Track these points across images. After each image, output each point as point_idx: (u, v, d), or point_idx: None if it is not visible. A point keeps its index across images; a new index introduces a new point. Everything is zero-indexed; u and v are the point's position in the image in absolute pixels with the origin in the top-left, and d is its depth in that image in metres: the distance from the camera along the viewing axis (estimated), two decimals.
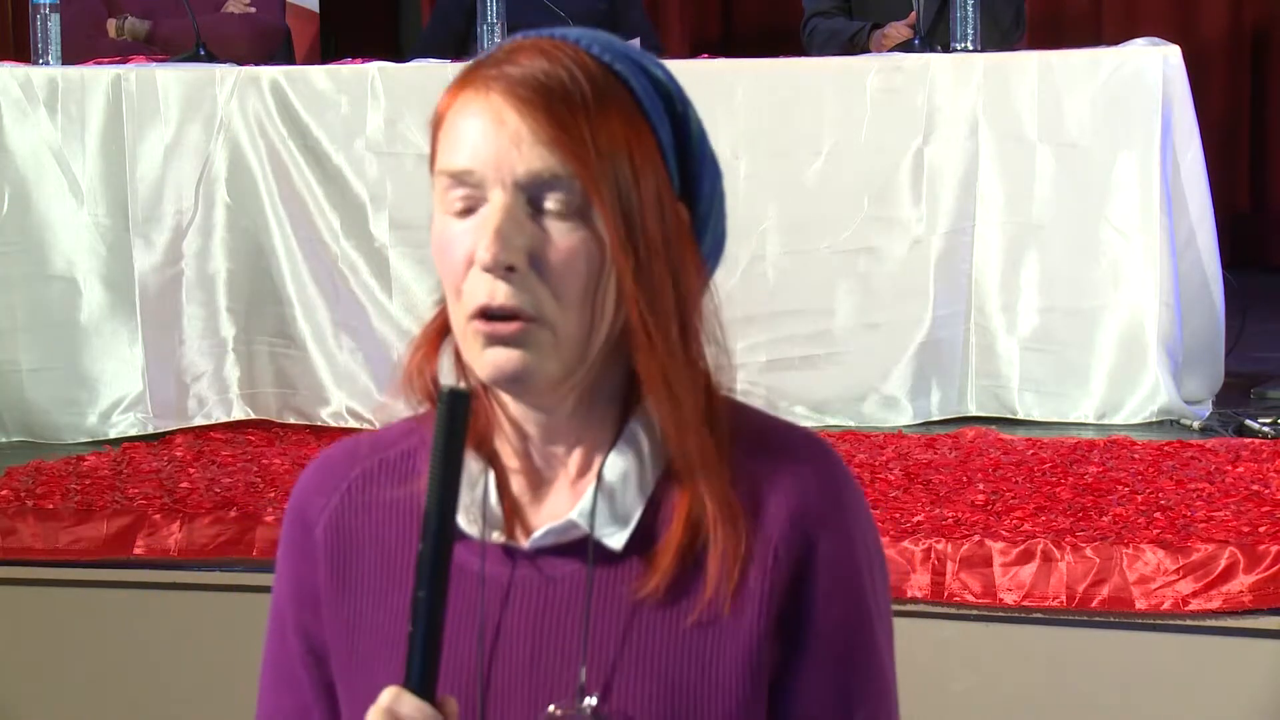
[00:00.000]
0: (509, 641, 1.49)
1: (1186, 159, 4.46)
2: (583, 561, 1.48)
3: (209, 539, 3.55)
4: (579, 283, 1.41)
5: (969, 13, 4.61)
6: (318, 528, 1.57)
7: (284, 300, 4.60)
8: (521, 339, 1.41)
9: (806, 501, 1.47)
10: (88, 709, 3.57)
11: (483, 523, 1.49)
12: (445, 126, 1.45)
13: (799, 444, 1.51)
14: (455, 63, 4.76)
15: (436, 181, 1.45)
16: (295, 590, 1.58)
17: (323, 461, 1.60)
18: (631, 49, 1.47)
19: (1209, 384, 4.55)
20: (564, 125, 1.40)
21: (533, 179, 1.41)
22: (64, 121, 4.57)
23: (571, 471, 1.50)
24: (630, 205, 1.42)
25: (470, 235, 1.42)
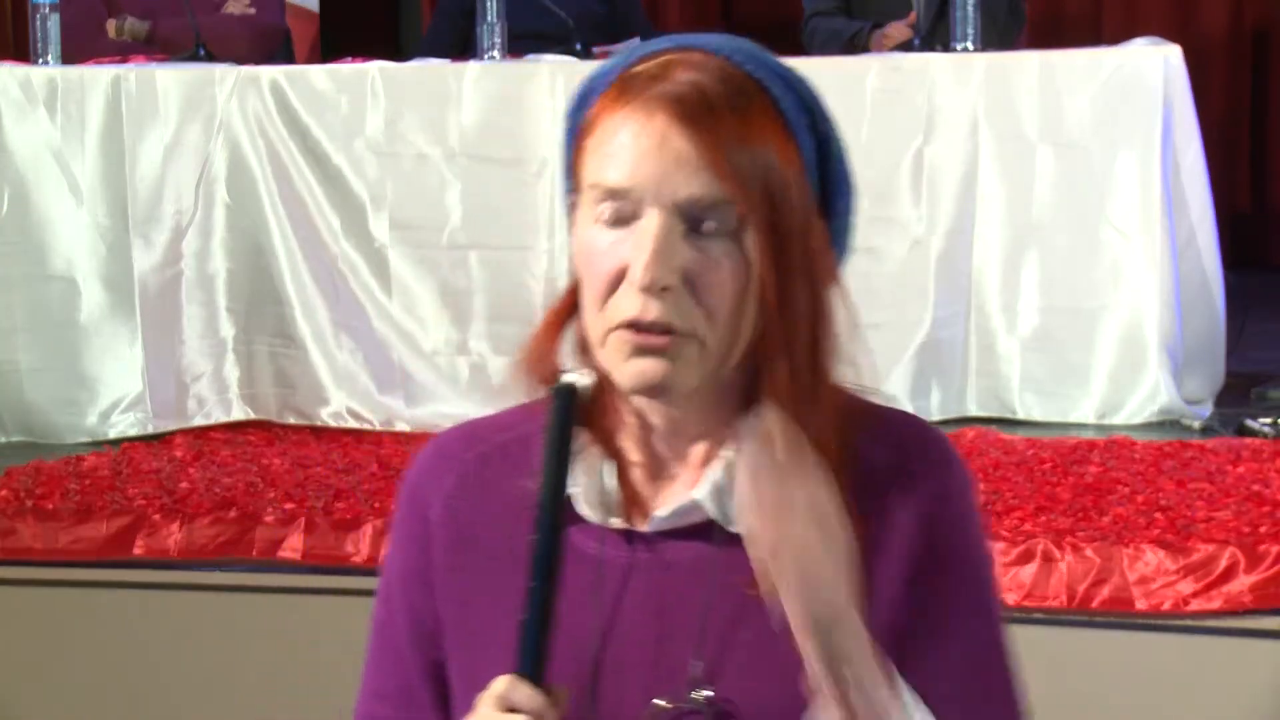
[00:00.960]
0: (626, 626, 1.50)
1: (1186, 159, 4.46)
2: (703, 546, 1.49)
3: (209, 539, 3.55)
4: (729, 301, 1.44)
5: (969, 13, 4.61)
6: (432, 509, 1.57)
7: (284, 300, 4.60)
8: (669, 352, 1.43)
9: (932, 497, 1.49)
10: (88, 709, 3.57)
11: (603, 508, 1.51)
12: (598, 137, 1.46)
13: (921, 439, 1.53)
14: (456, 63, 4.76)
15: (588, 192, 1.46)
16: (406, 571, 1.59)
17: (438, 444, 1.62)
18: (776, 62, 1.49)
19: (1209, 384, 4.54)
20: (725, 150, 1.42)
21: (693, 203, 1.43)
22: (64, 121, 4.57)
23: (692, 463, 1.51)
24: (779, 222, 1.44)
25: (622, 249, 1.44)
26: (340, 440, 4.41)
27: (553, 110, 4.55)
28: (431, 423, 4.53)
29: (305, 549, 3.51)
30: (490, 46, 4.79)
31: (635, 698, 1.48)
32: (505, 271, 4.58)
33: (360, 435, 4.48)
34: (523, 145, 4.58)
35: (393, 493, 3.68)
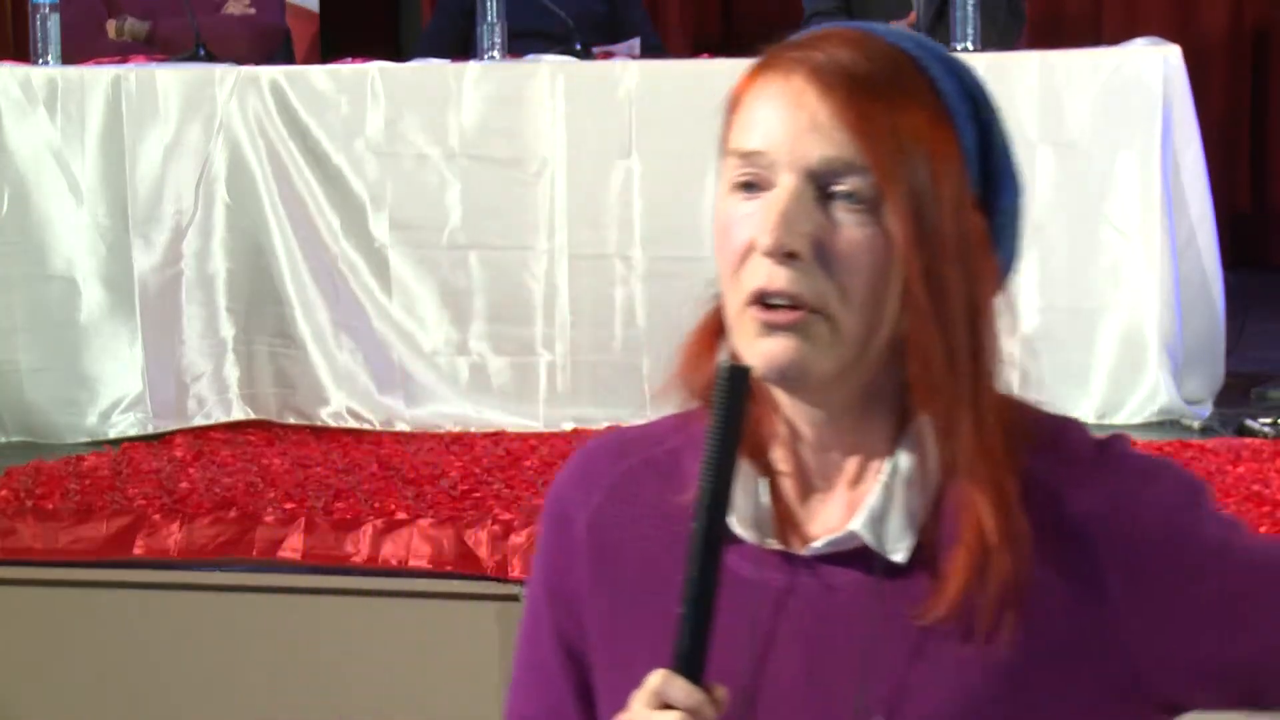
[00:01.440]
0: (782, 651, 1.42)
1: (1186, 159, 4.46)
2: (863, 571, 1.40)
3: (209, 539, 3.55)
4: (864, 278, 1.35)
5: (969, 13, 4.61)
6: (579, 524, 1.50)
7: (284, 300, 4.60)
8: (798, 328, 1.35)
9: (1125, 517, 1.38)
10: (88, 709, 3.57)
11: (757, 527, 1.42)
12: (742, 108, 1.39)
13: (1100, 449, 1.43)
14: (456, 63, 4.77)
15: (725, 163, 1.40)
16: (553, 588, 1.52)
17: (585, 456, 1.54)
18: (941, 49, 1.42)
19: (1209, 384, 4.54)
20: (864, 113, 1.35)
21: (825, 165, 1.35)
22: (64, 121, 4.57)
23: (847, 478, 1.42)
24: (925, 204, 1.35)
25: (754, 220, 1.36)
26: (340, 440, 4.41)
27: (552, 110, 4.55)
28: (431, 423, 4.53)
29: (305, 549, 3.51)
30: (490, 46, 4.79)
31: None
32: (505, 271, 4.58)
33: (360, 435, 4.48)
34: (523, 145, 4.58)
35: (393, 493, 3.69)
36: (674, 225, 4.50)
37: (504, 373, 4.60)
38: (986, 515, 1.36)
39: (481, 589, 3.40)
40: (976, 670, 1.37)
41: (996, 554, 1.36)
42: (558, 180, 4.56)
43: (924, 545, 1.39)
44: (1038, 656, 1.37)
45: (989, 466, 1.37)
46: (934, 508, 1.39)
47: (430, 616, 3.46)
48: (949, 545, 1.37)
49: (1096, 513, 1.38)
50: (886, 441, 1.41)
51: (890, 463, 1.40)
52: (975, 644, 1.37)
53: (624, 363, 4.53)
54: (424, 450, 4.24)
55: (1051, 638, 1.37)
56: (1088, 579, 1.38)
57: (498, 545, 3.38)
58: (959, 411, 1.37)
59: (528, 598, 1.56)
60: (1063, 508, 1.38)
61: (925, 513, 1.39)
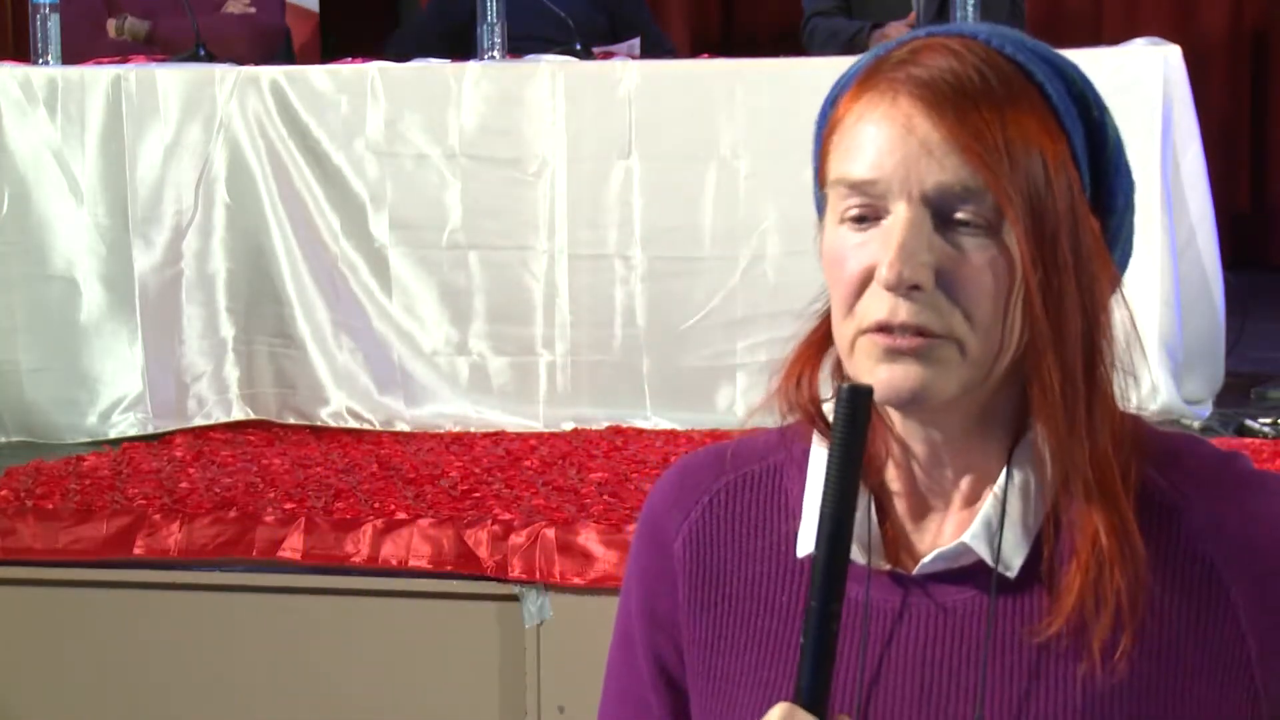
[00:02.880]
0: (895, 672, 1.39)
1: (1186, 159, 4.46)
2: (976, 590, 1.37)
3: (209, 539, 3.55)
4: (989, 301, 1.31)
5: (969, 13, 4.61)
6: (676, 542, 1.47)
7: (284, 300, 4.60)
8: (924, 354, 1.31)
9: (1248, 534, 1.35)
10: (88, 709, 3.57)
11: (866, 548, 1.39)
12: (842, 131, 1.35)
13: (1220, 466, 1.40)
14: (456, 62, 4.77)
15: (832, 190, 1.35)
16: (648, 608, 1.48)
17: (682, 472, 1.50)
18: (1047, 50, 1.37)
19: (1209, 384, 4.54)
20: (976, 132, 1.30)
21: (942, 191, 1.30)
22: (64, 121, 4.57)
23: (959, 497, 1.39)
24: (1043, 217, 1.31)
25: (869, 249, 1.32)
26: (340, 440, 4.41)
27: (552, 110, 4.55)
28: (432, 423, 4.54)
29: (305, 549, 3.51)
30: (490, 46, 4.79)
31: None
32: (505, 271, 4.58)
33: (360, 435, 4.48)
34: (523, 145, 4.58)
35: (393, 493, 3.69)
36: (674, 225, 4.50)
37: (504, 373, 4.60)
38: (1101, 531, 1.33)
39: (481, 589, 3.40)
40: (1093, 689, 1.34)
41: (1111, 570, 1.33)
42: (558, 180, 4.56)
43: (1038, 561, 1.36)
44: (1157, 676, 1.35)
45: (1104, 482, 1.34)
46: (1048, 523, 1.36)
47: (430, 616, 3.45)
48: (1064, 561, 1.34)
49: (1219, 532, 1.35)
50: (1000, 458, 1.38)
51: (1004, 477, 1.37)
52: (1091, 663, 1.34)
53: (624, 363, 4.53)
54: (424, 450, 4.24)
55: (1171, 657, 1.35)
56: (1209, 598, 1.35)
57: (498, 545, 3.38)
58: (1075, 426, 1.34)
59: (620, 621, 1.52)
60: (1184, 526, 1.36)
61: (1039, 528, 1.36)
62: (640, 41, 5.21)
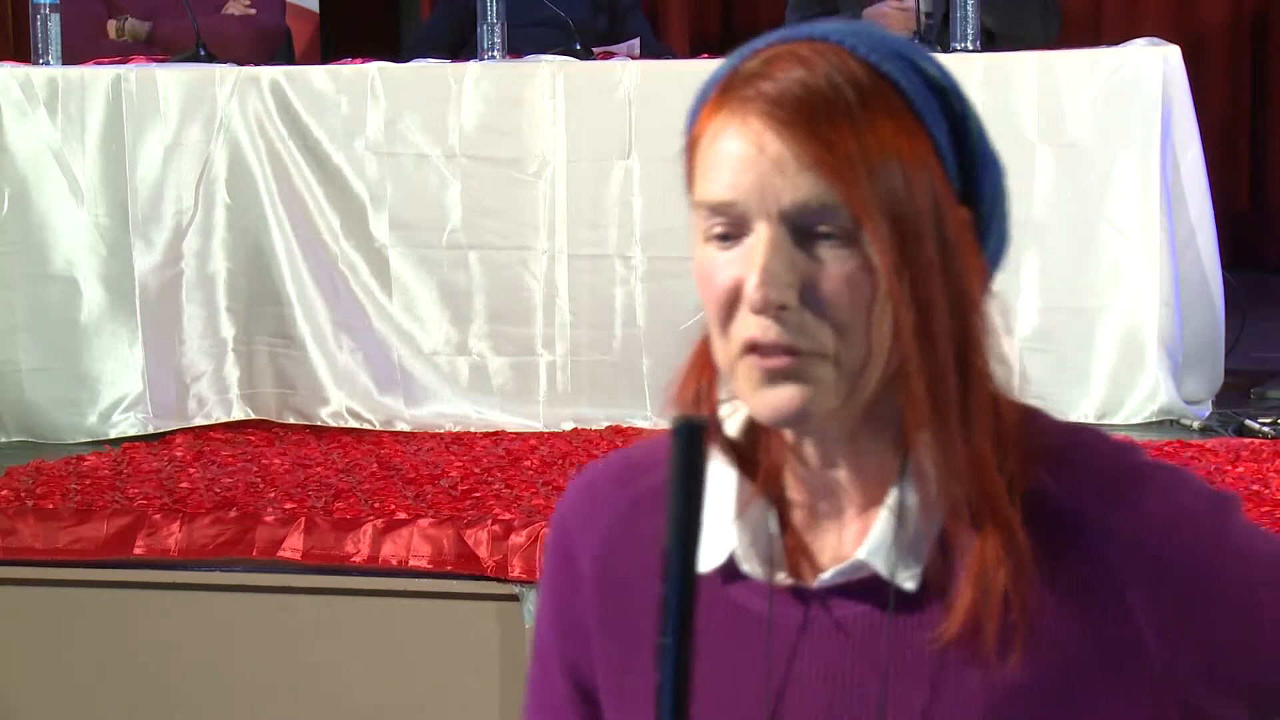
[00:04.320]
0: (800, 688, 1.37)
1: (1186, 159, 4.46)
2: (876, 601, 1.36)
3: (209, 539, 3.55)
4: (855, 311, 1.30)
5: (969, 13, 4.61)
6: (584, 558, 1.46)
7: (284, 300, 4.60)
8: (799, 372, 1.30)
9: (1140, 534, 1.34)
10: (88, 709, 3.57)
11: (766, 562, 1.38)
12: (701, 150, 1.34)
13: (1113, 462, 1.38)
14: (456, 62, 4.77)
15: (696, 211, 1.35)
16: (561, 625, 1.47)
17: (585, 486, 1.49)
18: (902, 44, 1.35)
19: (1209, 384, 4.55)
20: (828, 145, 1.29)
21: (799, 209, 1.30)
22: (64, 121, 4.57)
23: (856, 502, 1.38)
24: (904, 219, 1.30)
25: (735, 267, 1.31)
26: (340, 440, 4.41)
27: (553, 110, 4.56)
28: (432, 423, 4.54)
29: (305, 549, 3.51)
30: (490, 46, 4.79)
31: None
32: (505, 271, 4.58)
33: (360, 435, 4.48)
34: (522, 145, 4.58)
35: (393, 493, 3.69)
36: (674, 225, 4.50)
37: (504, 373, 4.60)
38: (987, 538, 1.32)
39: (481, 589, 3.40)
40: (992, 696, 1.34)
41: (998, 577, 1.32)
42: (558, 180, 4.56)
43: (934, 571, 1.35)
44: (1055, 679, 1.34)
45: (987, 486, 1.32)
46: (942, 532, 1.35)
47: (430, 616, 3.46)
48: (958, 570, 1.34)
49: (1111, 533, 1.34)
50: (892, 466, 1.36)
51: (896, 488, 1.36)
52: (989, 670, 1.33)
53: (624, 363, 4.53)
54: (424, 450, 4.24)
55: (1069, 660, 1.34)
56: (1105, 599, 1.34)
57: (498, 545, 3.38)
58: (950, 431, 1.33)
59: (537, 635, 1.52)
60: (1076, 528, 1.35)
61: (933, 538, 1.35)
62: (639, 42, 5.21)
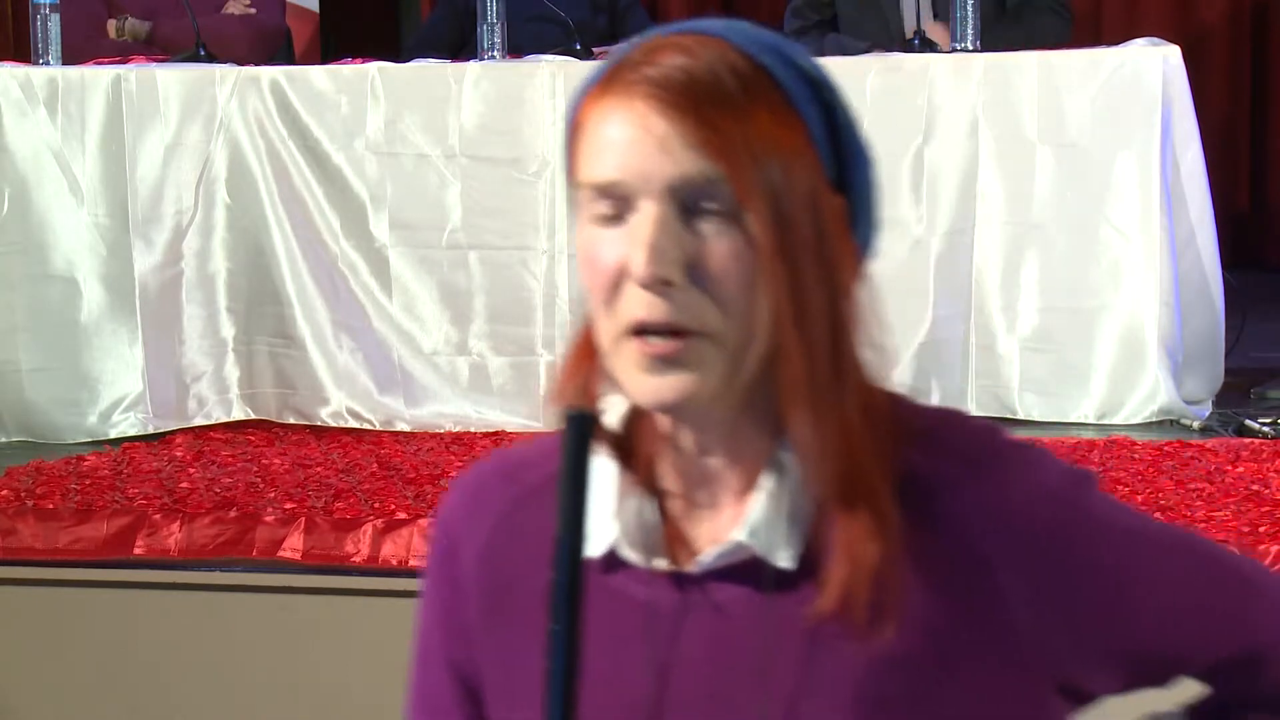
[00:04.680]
0: (683, 671, 1.40)
1: (1186, 159, 4.46)
2: (755, 585, 1.38)
3: (209, 539, 3.55)
4: (738, 289, 1.33)
5: (969, 13, 4.61)
6: (468, 556, 1.48)
7: (284, 300, 4.61)
8: (683, 358, 1.33)
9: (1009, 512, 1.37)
10: (88, 709, 3.57)
11: (646, 549, 1.41)
12: (585, 135, 1.37)
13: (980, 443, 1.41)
14: (456, 63, 4.77)
15: (580, 194, 1.38)
16: (445, 622, 1.50)
17: (469, 485, 1.51)
18: (777, 39, 1.39)
19: (1209, 384, 4.55)
20: (713, 125, 1.33)
21: (684, 184, 1.33)
22: (64, 121, 4.57)
23: (731, 490, 1.40)
24: (782, 202, 1.34)
25: (620, 246, 1.35)
26: (340, 440, 4.41)
27: (553, 110, 4.56)
28: (432, 423, 4.54)
29: (305, 549, 3.51)
30: (490, 46, 4.80)
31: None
32: (505, 271, 4.59)
33: (360, 435, 4.48)
34: (522, 145, 4.58)
35: (393, 493, 3.69)
36: None
37: (504, 373, 4.60)
38: (859, 516, 1.35)
39: None
40: (870, 670, 1.36)
41: (870, 553, 1.35)
42: (558, 180, 4.56)
43: (810, 550, 1.37)
44: (928, 656, 1.37)
45: (858, 465, 1.35)
46: (817, 511, 1.37)
47: None
48: (833, 548, 1.36)
49: (980, 511, 1.37)
50: (767, 449, 1.39)
51: (771, 471, 1.38)
52: (865, 644, 1.36)
53: None
54: (424, 450, 4.24)
55: (941, 636, 1.37)
56: (975, 577, 1.37)
57: None
58: (822, 411, 1.35)
59: (419, 634, 1.54)
60: (946, 507, 1.38)
61: (809, 517, 1.37)
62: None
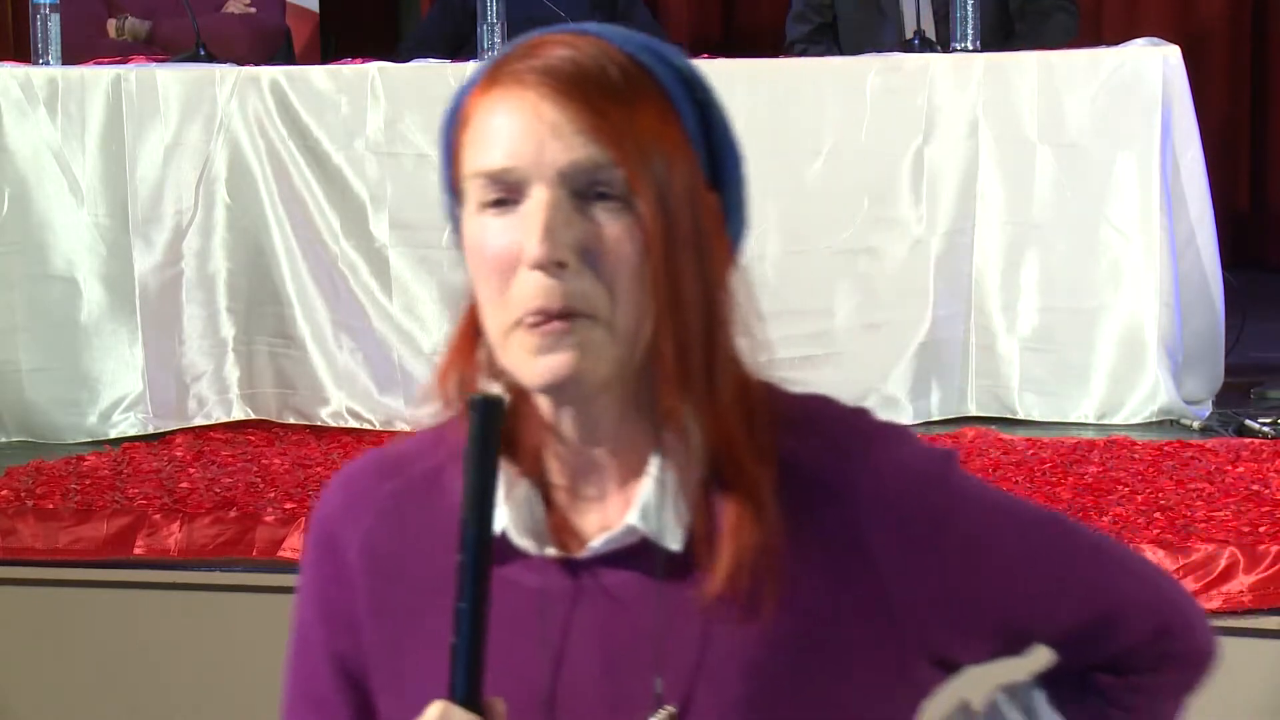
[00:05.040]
0: (577, 655, 1.44)
1: (1186, 159, 4.47)
2: (645, 568, 1.43)
3: (209, 539, 3.55)
4: (629, 273, 1.37)
5: (969, 13, 4.61)
6: (350, 551, 1.51)
7: (284, 300, 4.61)
8: (574, 339, 1.36)
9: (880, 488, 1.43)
10: (88, 709, 3.57)
11: (535, 537, 1.44)
12: (474, 127, 1.41)
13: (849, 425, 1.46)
14: (455, 62, 4.77)
15: (469, 184, 1.41)
16: (326, 615, 1.53)
17: (348, 480, 1.55)
18: (651, 41, 1.44)
19: (1209, 384, 4.55)
20: (602, 113, 1.37)
21: (576, 169, 1.37)
22: (64, 121, 4.57)
23: (617, 477, 1.44)
24: (666, 193, 1.38)
25: (511, 233, 1.38)
26: (340, 440, 4.41)
27: None
28: None
29: None
30: (490, 46, 4.80)
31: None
32: None
33: (360, 435, 4.48)
34: None
35: None
36: None
37: None
38: (738, 499, 1.40)
39: None
40: (757, 648, 1.41)
41: (752, 535, 1.40)
42: None
43: (696, 534, 1.42)
44: (812, 629, 1.42)
45: (735, 452, 1.40)
46: (700, 497, 1.42)
47: None
48: (716, 530, 1.41)
49: (854, 488, 1.42)
50: (650, 441, 1.43)
51: (656, 458, 1.42)
52: (751, 623, 1.41)
53: None
54: None
55: (823, 610, 1.42)
56: (853, 548, 1.42)
57: None
58: (699, 400, 1.40)
59: (297, 626, 1.57)
60: (823, 484, 1.43)
61: (694, 500, 1.42)
62: None
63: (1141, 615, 1.52)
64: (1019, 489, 3.62)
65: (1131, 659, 1.53)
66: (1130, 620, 1.52)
